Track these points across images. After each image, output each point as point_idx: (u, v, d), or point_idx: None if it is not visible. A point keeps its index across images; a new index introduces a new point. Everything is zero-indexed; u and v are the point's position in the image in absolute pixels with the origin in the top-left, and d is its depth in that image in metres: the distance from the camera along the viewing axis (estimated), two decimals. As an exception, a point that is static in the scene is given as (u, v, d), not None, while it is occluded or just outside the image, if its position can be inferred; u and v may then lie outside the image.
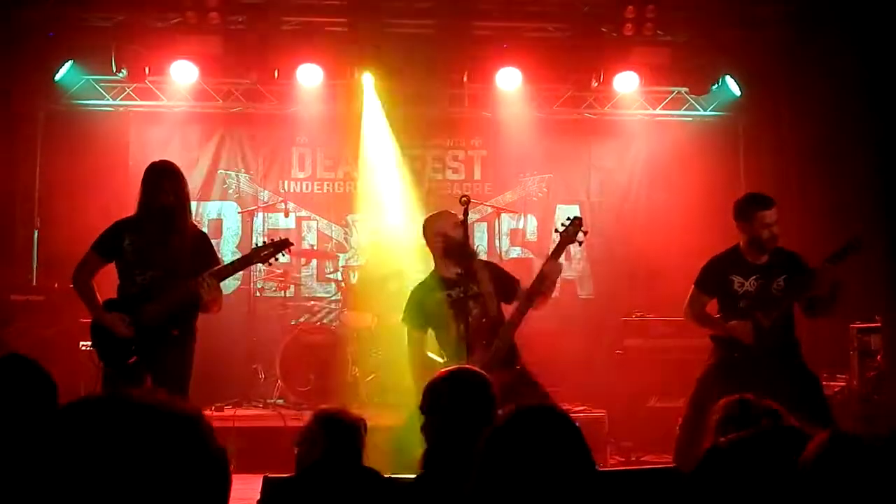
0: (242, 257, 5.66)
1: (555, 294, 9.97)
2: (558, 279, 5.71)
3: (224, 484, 1.38)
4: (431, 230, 5.77)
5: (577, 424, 2.43)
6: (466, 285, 5.50)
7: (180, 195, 5.46)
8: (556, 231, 5.62)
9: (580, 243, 5.63)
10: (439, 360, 5.67)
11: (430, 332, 5.78)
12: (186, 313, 5.44)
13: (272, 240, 5.63)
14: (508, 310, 5.69)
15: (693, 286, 6.03)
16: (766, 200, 5.82)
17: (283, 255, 5.63)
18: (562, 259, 5.70)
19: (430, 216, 5.97)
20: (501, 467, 2.26)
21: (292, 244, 5.72)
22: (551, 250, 5.66)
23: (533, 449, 2.26)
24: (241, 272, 6.13)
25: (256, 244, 5.65)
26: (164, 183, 5.41)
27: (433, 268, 5.83)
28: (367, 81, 9.32)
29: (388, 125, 9.73)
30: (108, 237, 5.53)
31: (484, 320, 5.54)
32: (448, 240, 5.65)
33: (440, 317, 5.64)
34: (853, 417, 7.57)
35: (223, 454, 1.39)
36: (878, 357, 7.75)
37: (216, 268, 5.46)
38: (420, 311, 5.70)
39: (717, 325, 5.93)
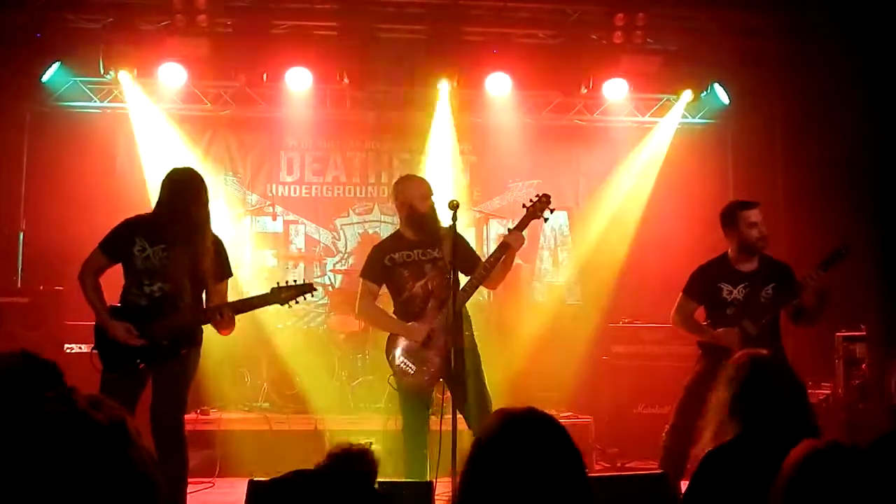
0: (261, 296, 5.38)
1: (542, 299, 10.12)
2: (516, 256, 5.75)
3: (147, 495, 1.34)
4: (400, 196, 5.84)
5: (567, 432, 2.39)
6: (426, 249, 5.67)
7: (205, 210, 5.23)
8: (524, 206, 5.69)
9: (546, 220, 5.70)
10: (389, 313, 5.84)
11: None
12: (195, 332, 5.27)
13: (295, 281, 5.37)
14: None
15: (681, 293, 6.05)
16: (749, 202, 5.94)
17: (306, 297, 5.40)
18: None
19: (401, 179, 6.09)
20: (490, 474, 2.23)
21: (316, 289, 5.53)
22: (515, 223, 5.73)
23: (523, 455, 2.23)
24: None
25: (279, 284, 5.34)
26: (200, 195, 5.18)
27: (399, 227, 5.93)
28: (353, 85, 9.29)
29: (378, 129, 9.74)
30: (118, 238, 5.27)
31: (440, 285, 5.60)
32: (412, 211, 5.74)
33: (395, 275, 5.73)
34: (838, 425, 7.60)
35: (146, 464, 1.35)
36: (864, 365, 7.78)
37: (230, 303, 5.29)
38: (378, 266, 5.79)
39: (704, 332, 5.95)
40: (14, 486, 1.24)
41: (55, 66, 9.00)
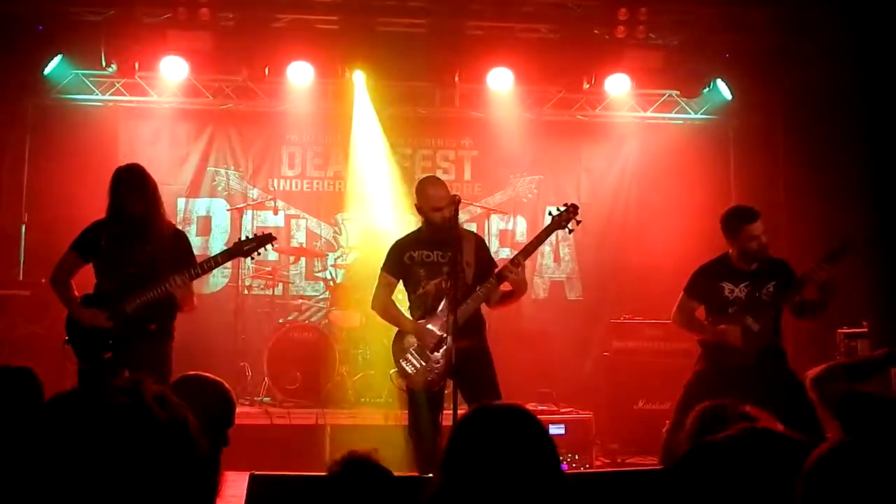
0: (225, 251, 5.61)
1: (543, 295, 10.13)
2: (524, 277, 5.70)
3: (208, 492, 1.35)
4: (417, 200, 5.79)
5: (543, 425, 2.40)
6: (446, 252, 5.60)
7: (148, 202, 5.40)
8: (550, 214, 5.68)
9: (570, 231, 5.69)
10: (404, 312, 5.85)
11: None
12: (164, 309, 5.41)
13: (255, 234, 5.59)
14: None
15: (682, 293, 6.03)
16: (751, 214, 5.83)
17: (267, 248, 5.61)
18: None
19: (420, 183, 5.92)
20: (466, 465, 2.25)
21: (275, 238, 5.71)
22: (535, 235, 5.77)
23: (496, 447, 2.25)
24: (228, 266, 6.04)
25: (240, 238, 5.59)
26: (130, 192, 5.36)
27: (422, 224, 5.87)
28: (358, 80, 9.28)
29: (378, 124, 9.73)
30: (87, 237, 5.51)
31: (451, 285, 5.52)
32: (427, 219, 5.71)
33: (413, 272, 5.74)
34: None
35: (202, 466, 1.35)
36: (865, 363, 7.76)
37: (199, 262, 5.44)
38: (398, 262, 5.79)
39: (706, 330, 5.93)
40: (66, 475, 1.24)
41: (57, 59, 8.98)
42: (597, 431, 8.11)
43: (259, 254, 5.59)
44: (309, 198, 10.15)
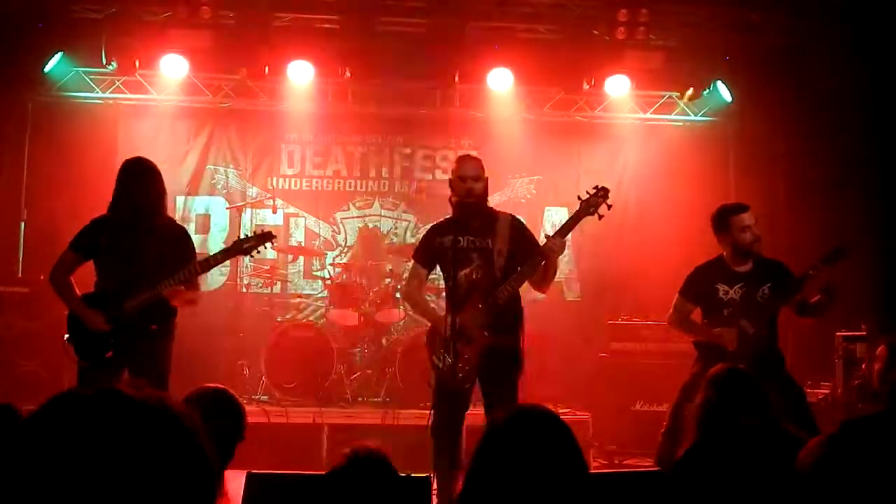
0: (225, 249, 5.61)
1: (541, 295, 10.07)
2: (559, 259, 5.44)
3: (210, 486, 1.36)
4: (452, 172, 5.68)
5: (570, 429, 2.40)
6: (478, 237, 5.37)
7: (152, 194, 5.39)
8: (579, 198, 5.31)
9: (600, 216, 5.27)
10: (433, 307, 5.61)
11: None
12: (165, 308, 5.40)
13: (255, 232, 5.58)
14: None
15: (677, 295, 6.03)
16: (739, 205, 5.92)
17: (266, 247, 5.59)
18: (568, 237, 5.45)
19: (458, 157, 5.88)
20: (497, 467, 2.25)
21: (275, 237, 5.69)
22: (564, 221, 5.50)
23: (529, 451, 2.24)
24: (226, 264, 6.02)
25: (240, 236, 5.58)
26: (138, 183, 5.35)
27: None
28: (355, 79, 9.29)
29: (379, 123, 9.74)
30: (86, 235, 5.48)
31: (484, 277, 5.33)
32: (454, 191, 5.53)
33: (444, 260, 5.47)
34: (836, 425, 7.58)
35: (207, 456, 1.36)
36: (864, 365, 7.77)
37: (199, 261, 5.44)
38: (429, 248, 5.57)
39: (701, 332, 5.93)
40: (87, 467, 1.25)
41: (57, 56, 9.00)
42: (594, 433, 8.10)
43: (259, 252, 5.57)
44: (308, 196, 10.16)
